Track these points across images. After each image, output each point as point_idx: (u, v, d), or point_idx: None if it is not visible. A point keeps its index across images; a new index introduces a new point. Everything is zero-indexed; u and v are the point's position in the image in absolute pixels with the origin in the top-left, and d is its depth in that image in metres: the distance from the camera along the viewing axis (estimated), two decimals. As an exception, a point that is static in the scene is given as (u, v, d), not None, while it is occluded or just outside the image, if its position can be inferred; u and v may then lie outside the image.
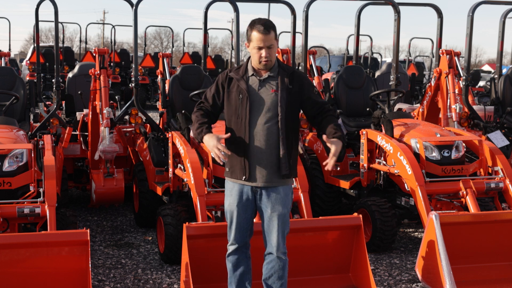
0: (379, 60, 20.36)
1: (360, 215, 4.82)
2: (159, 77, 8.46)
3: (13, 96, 6.62)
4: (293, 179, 4.40)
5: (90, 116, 7.40)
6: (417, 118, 8.45)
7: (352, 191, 6.75)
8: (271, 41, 3.86)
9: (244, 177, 3.94)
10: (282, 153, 3.89)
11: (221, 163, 3.93)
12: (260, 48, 3.87)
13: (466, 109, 7.75)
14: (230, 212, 4.04)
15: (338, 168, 7.14)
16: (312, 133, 7.61)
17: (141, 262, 5.72)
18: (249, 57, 4.03)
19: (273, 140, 3.90)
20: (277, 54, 4.07)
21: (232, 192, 4.02)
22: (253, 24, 3.88)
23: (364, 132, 6.55)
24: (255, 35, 3.87)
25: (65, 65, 16.96)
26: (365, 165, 6.50)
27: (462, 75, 8.12)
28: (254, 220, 4.13)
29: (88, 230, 4.38)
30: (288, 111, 3.91)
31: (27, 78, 15.01)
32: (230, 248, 4.09)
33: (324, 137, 3.88)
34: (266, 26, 3.85)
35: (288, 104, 3.90)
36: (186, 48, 23.17)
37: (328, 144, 3.86)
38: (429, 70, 19.39)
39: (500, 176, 6.02)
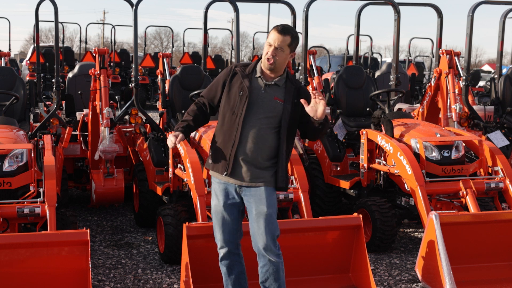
0: (379, 60, 20.36)
1: (360, 215, 4.82)
2: (159, 77, 8.44)
3: (13, 96, 6.61)
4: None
5: (90, 116, 7.40)
6: (417, 118, 8.45)
7: (352, 191, 6.75)
8: (282, 43, 3.82)
9: (225, 173, 3.90)
10: (280, 166, 3.87)
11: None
12: (269, 45, 3.84)
13: (466, 109, 7.75)
14: (216, 213, 4.00)
15: (338, 168, 7.14)
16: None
17: (141, 262, 5.72)
18: (260, 58, 3.99)
19: (266, 146, 3.86)
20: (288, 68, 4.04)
21: (217, 192, 3.99)
22: (276, 25, 3.90)
23: (364, 132, 6.56)
24: (271, 33, 3.88)
25: (65, 65, 16.96)
26: (365, 165, 6.50)
27: (462, 75, 8.11)
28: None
29: (88, 230, 4.38)
30: (290, 124, 3.89)
31: (27, 78, 15.01)
32: (221, 252, 4.04)
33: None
34: (284, 28, 3.85)
35: (290, 117, 3.89)
36: (186, 48, 23.18)
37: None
38: (429, 70, 19.39)
39: (500, 176, 6.02)
